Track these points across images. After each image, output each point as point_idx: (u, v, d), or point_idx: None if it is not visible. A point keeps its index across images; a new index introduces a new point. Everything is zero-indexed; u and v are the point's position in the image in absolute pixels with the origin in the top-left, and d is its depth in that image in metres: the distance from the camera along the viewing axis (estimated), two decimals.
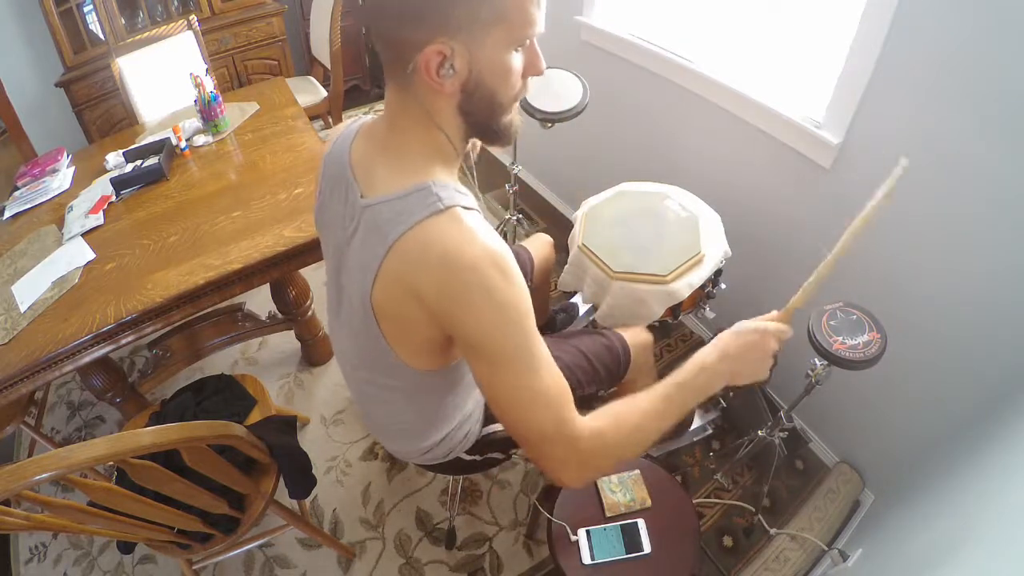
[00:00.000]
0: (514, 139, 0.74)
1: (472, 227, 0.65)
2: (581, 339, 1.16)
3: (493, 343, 0.65)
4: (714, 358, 0.74)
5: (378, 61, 3.46)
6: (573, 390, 1.00)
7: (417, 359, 0.75)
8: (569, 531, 1.03)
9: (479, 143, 0.93)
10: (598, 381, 1.14)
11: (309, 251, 1.35)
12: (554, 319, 1.77)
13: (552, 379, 0.67)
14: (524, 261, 1.36)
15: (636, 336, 1.20)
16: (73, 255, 1.39)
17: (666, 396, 0.72)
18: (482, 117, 0.68)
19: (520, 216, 1.95)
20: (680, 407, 0.72)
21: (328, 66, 2.53)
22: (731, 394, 1.59)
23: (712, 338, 0.78)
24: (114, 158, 1.70)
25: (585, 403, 1.11)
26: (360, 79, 3.48)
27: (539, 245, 1.43)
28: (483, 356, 0.66)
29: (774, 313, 0.80)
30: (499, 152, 2.80)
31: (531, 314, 0.66)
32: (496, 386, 0.67)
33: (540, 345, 0.67)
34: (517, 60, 0.65)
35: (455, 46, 0.60)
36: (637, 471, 1.10)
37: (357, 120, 0.80)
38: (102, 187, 1.61)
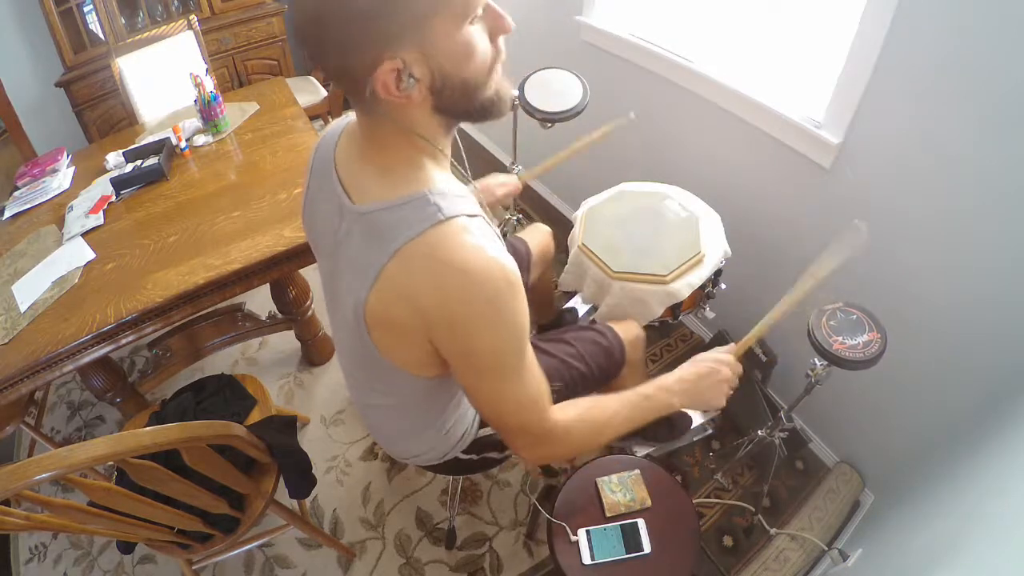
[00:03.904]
0: (508, 108, 0.68)
1: (479, 239, 0.63)
2: (578, 338, 1.16)
3: (489, 356, 0.67)
4: (673, 380, 0.86)
5: None
6: (570, 390, 1.03)
7: (409, 366, 0.75)
8: (569, 531, 1.03)
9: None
10: (592, 381, 1.14)
11: (309, 251, 1.33)
12: (562, 317, 1.76)
13: (535, 384, 0.72)
14: (521, 253, 1.35)
15: (629, 332, 1.22)
16: (73, 255, 1.39)
17: (633, 405, 0.83)
18: (462, 105, 0.64)
19: (520, 216, 1.95)
20: (640, 418, 0.83)
21: None
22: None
23: (713, 337, 0.81)
24: (114, 158, 1.70)
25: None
26: None
27: (537, 237, 1.42)
28: (475, 366, 0.69)
29: (732, 346, 0.92)
30: (499, 152, 2.80)
31: (528, 326, 0.68)
32: (482, 391, 0.72)
33: (530, 354, 0.71)
34: (476, 32, 0.59)
35: (405, 55, 0.56)
36: (637, 471, 1.10)
37: (346, 117, 0.78)
38: (102, 187, 1.61)
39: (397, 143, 0.66)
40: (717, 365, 0.88)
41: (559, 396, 0.81)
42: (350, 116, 0.77)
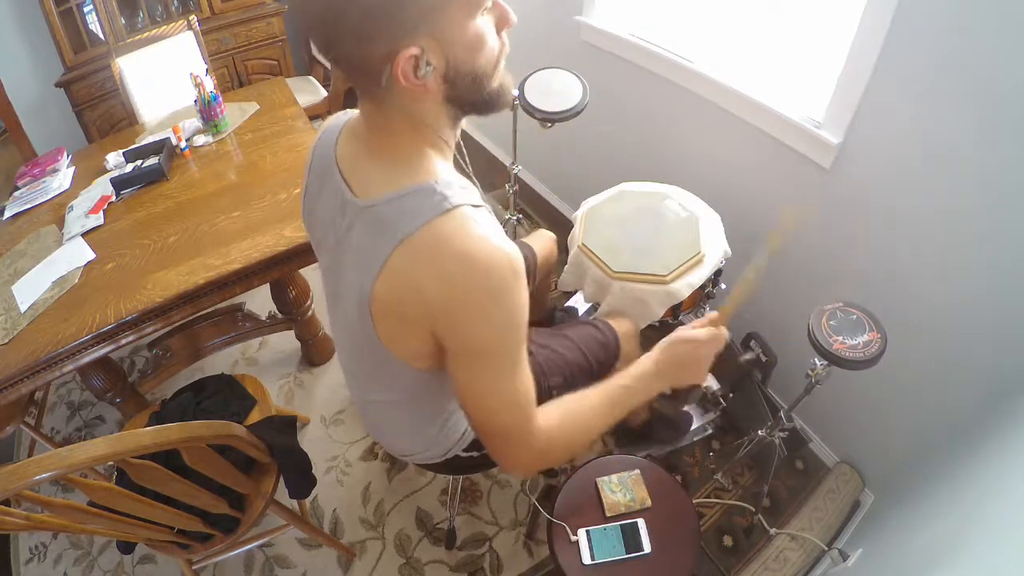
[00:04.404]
0: (510, 101, 0.70)
1: (485, 228, 0.64)
2: (576, 333, 1.17)
3: (487, 346, 0.67)
4: (650, 366, 0.84)
5: None
6: (569, 384, 1.02)
7: (411, 358, 0.75)
8: (569, 531, 1.03)
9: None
10: (591, 375, 1.14)
11: (309, 251, 1.35)
12: (553, 315, 1.77)
13: (525, 382, 0.71)
14: (527, 258, 1.35)
15: (622, 325, 1.23)
16: (73, 255, 1.39)
17: (612, 399, 0.81)
18: (471, 95, 0.65)
19: (520, 216, 1.95)
20: (623, 409, 0.81)
21: (328, 66, 2.53)
22: (731, 394, 1.59)
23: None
24: (114, 158, 1.70)
25: None
26: None
27: (543, 243, 1.42)
28: (472, 357, 0.68)
29: (712, 315, 0.87)
30: (499, 152, 2.80)
31: (527, 321, 0.68)
32: (474, 385, 0.70)
33: (524, 350, 0.70)
34: (486, 23, 0.61)
35: (423, 43, 0.57)
36: (637, 471, 1.10)
37: (345, 113, 0.78)
38: (102, 187, 1.61)
39: (404, 134, 0.67)
40: (692, 347, 0.83)
41: (560, 391, 0.80)
42: (349, 113, 0.77)
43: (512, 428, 0.72)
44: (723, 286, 1.39)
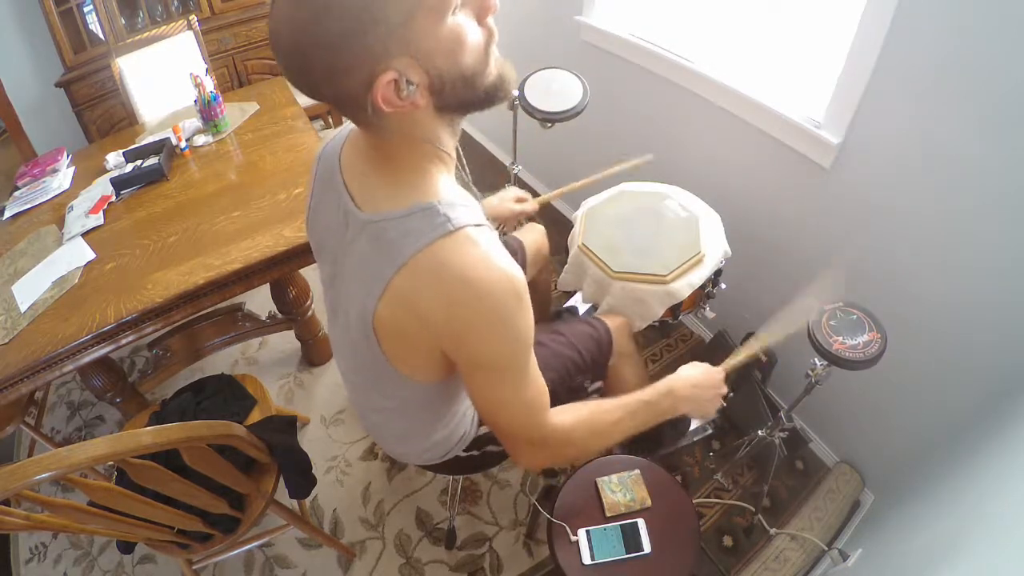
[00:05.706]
0: (513, 88, 0.67)
1: (487, 250, 0.63)
2: (571, 329, 1.19)
3: (496, 364, 0.68)
4: (681, 386, 0.88)
5: None
6: (564, 380, 1.05)
7: (415, 373, 0.75)
8: (569, 531, 1.03)
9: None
10: (585, 371, 1.16)
11: (309, 251, 1.33)
12: (560, 317, 1.76)
13: (537, 388, 0.73)
14: (516, 252, 1.35)
15: (614, 320, 1.25)
16: (73, 255, 1.39)
17: (633, 411, 0.83)
18: (466, 96, 0.63)
19: None
20: (642, 423, 0.84)
21: None
22: (731, 394, 1.59)
23: (713, 337, 0.82)
24: (114, 158, 1.70)
25: (572, 392, 1.15)
26: None
27: (532, 236, 1.42)
28: (480, 371, 0.70)
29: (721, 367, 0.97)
30: (499, 152, 2.80)
31: (532, 334, 0.69)
32: (487, 397, 0.73)
33: (533, 361, 0.72)
34: (462, 19, 0.58)
35: (398, 64, 0.56)
36: (637, 471, 1.10)
37: (349, 123, 0.77)
38: (102, 187, 1.61)
39: (403, 152, 0.66)
40: (718, 376, 0.94)
41: (553, 386, 0.81)
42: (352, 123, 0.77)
43: (524, 430, 0.75)
44: (723, 286, 1.39)
